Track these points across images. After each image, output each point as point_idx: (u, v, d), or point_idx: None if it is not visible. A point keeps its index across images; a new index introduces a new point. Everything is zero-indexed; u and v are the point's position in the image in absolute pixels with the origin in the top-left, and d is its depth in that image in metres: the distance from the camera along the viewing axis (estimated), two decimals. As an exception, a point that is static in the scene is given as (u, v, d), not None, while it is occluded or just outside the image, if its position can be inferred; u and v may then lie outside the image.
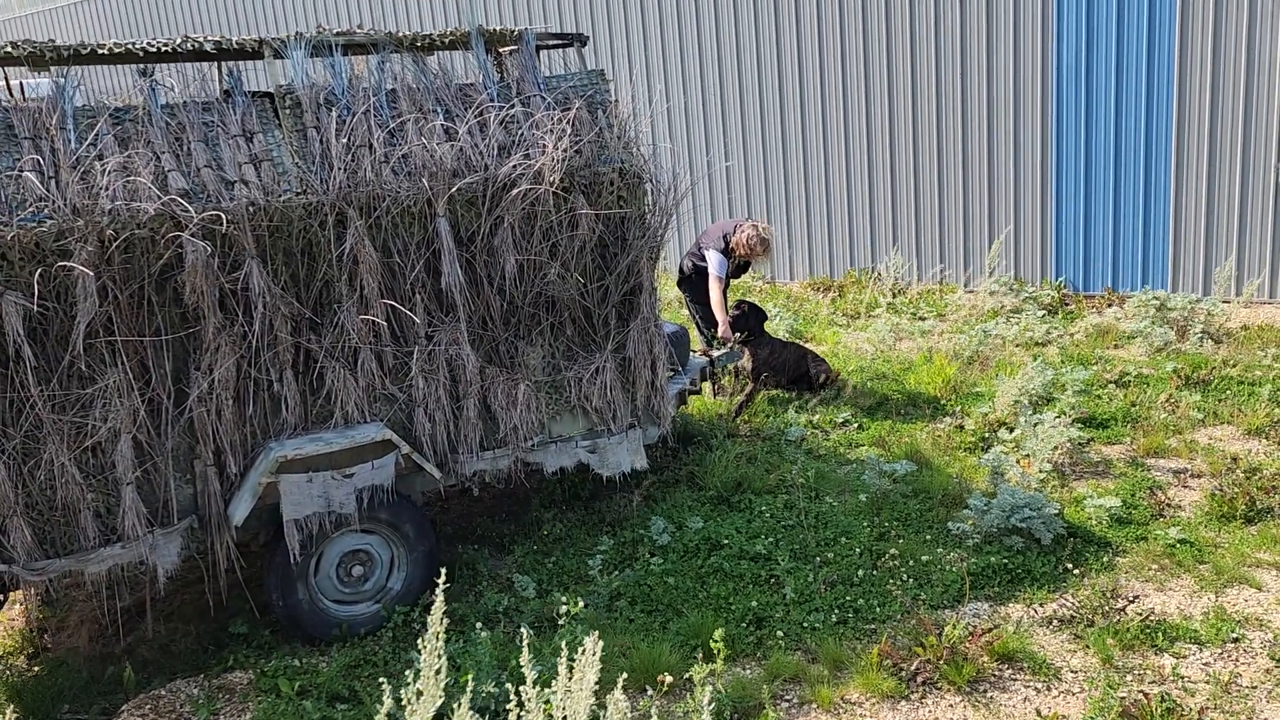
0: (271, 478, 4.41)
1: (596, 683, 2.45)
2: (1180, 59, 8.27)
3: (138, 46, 4.50)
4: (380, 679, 4.20)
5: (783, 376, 7.18)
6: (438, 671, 2.35)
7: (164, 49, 4.56)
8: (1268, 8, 7.87)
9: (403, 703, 2.43)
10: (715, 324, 7.27)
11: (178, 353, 4.29)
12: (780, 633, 4.44)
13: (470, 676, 3.80)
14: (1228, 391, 6.78)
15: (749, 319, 7.17)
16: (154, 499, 4.30)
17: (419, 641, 4.44)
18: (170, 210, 4.09)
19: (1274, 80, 7.96)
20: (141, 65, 4.50)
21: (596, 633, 2.56)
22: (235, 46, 4.65)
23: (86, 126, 4.20)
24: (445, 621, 2.50)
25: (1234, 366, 7.12)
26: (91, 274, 3.94)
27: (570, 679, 2.33)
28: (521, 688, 2.33)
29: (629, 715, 2.41)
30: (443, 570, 2.82)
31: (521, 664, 2.51)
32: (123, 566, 4.25)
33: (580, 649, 2.41)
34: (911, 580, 4.78)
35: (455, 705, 2.52)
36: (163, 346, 4.23)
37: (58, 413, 4.04)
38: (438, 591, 2.53)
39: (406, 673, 2.69)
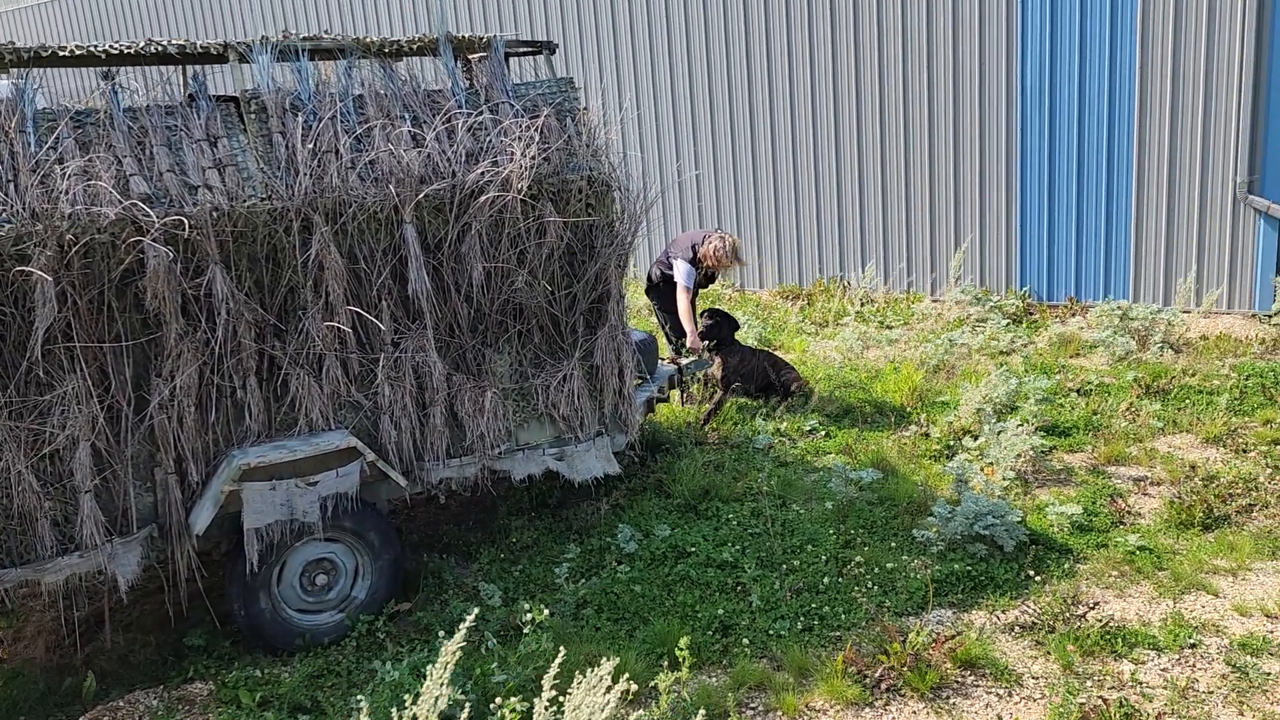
0: (234, 486, 4.36)
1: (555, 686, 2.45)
2: (1141, 75, 8.41)
3: (100, 49, 4.45)
4: (345, 690, 4.18)
5: (751, 384, 7.20)
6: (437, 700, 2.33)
7: (127, 52, 4.52)
8: (1225, 25, 8.03)
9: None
10: (684, 333, 7.29)
11: (138, 359, 4.24)
12: (746, 640, 4.45)
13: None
14: (1187, 400, 6.89)
15: (720, 328, 7.20)
16: (113, 507, 4.24)
17: (383, 651, 4.41)
18: (132, 215, 4.04)
19: (1231, 96, 8.11)
20: (104, 68, 4.45)
21: (562, 649, 2.56)
22: (200, 50, 4.61)
23: (47, 129, 4.15)
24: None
25: (1193, 376, 7.24)
26: (50, 279, 3.89)
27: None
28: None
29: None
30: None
31: (487, 672, 2.51)
32: (81, 576, 4.19)
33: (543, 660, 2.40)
34: (876, 587, 4.81)
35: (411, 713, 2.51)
36: (123, 353, 4.18)
37: (14, 419, 3.98)
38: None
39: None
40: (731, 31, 10.23)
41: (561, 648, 2.53)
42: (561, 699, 2.57)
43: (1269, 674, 4.08)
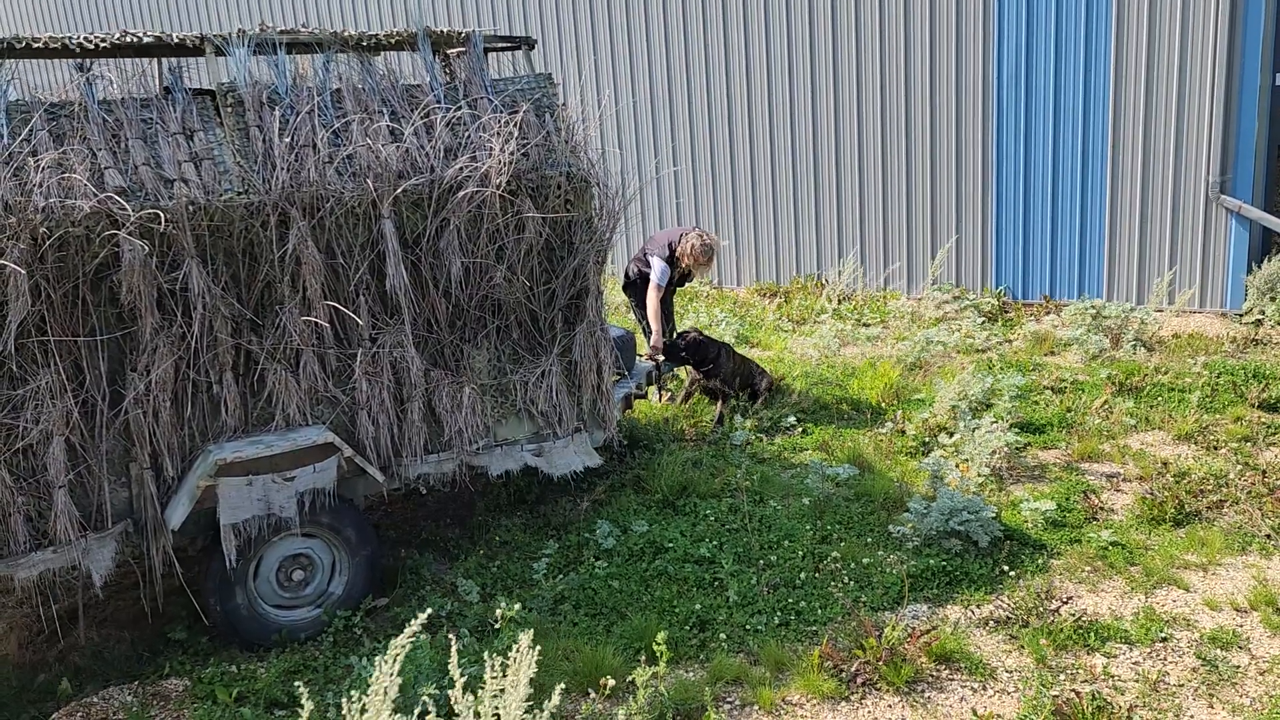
0: (210, 481, 4.34)
1: (533, 684, 2.46)
2: (1116, 75, 8.49)
3: (74, 41, 4.41)
4: (319, 686, 4.17)
5: (732, 387, 7.23)
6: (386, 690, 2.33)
7: (102, 44, 4.47)
8: (1198, 26, 8.12)
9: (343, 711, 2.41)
10: (663, 329, 7.29)
11: (113, 353, 4.21)
12: (723, 635, 4.47)
13: (410, 680, 3.78)
14: (1159, 398, 6.97)
15: (705, 353, 7.00)
16: (87, 502, 4.21)
17: (360, 647, 4.40)
18: (106, 208, 4.01)
19: (1204, 97, 8.21)
20: (79, 60, 4.41)
21: (531, 631, 2.56)
22: (176, 43, 4.58)
23: (20, 122, 4.11)
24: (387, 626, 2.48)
25: (1165, 374, 7.33)
26: (24, 272, 3.85)
27: (504, 678, 2.33)
28: (450, 692, 2.32)
29: None
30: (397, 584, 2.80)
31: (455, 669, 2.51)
32: (54, 571, 4.15)
33: (514, 651, 2.41)
34: (853, 583, 4.85)
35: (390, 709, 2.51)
36: (97, 347, 4.15)
37: (-13, 414, 3.94)
38: (383, 601, 2.51)
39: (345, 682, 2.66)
40: (710, 30, 10.24)
41: (526, 636, 2.54)
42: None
43: (1238, 667, 4.15)
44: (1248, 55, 8.04)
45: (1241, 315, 8.32)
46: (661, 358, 6.92)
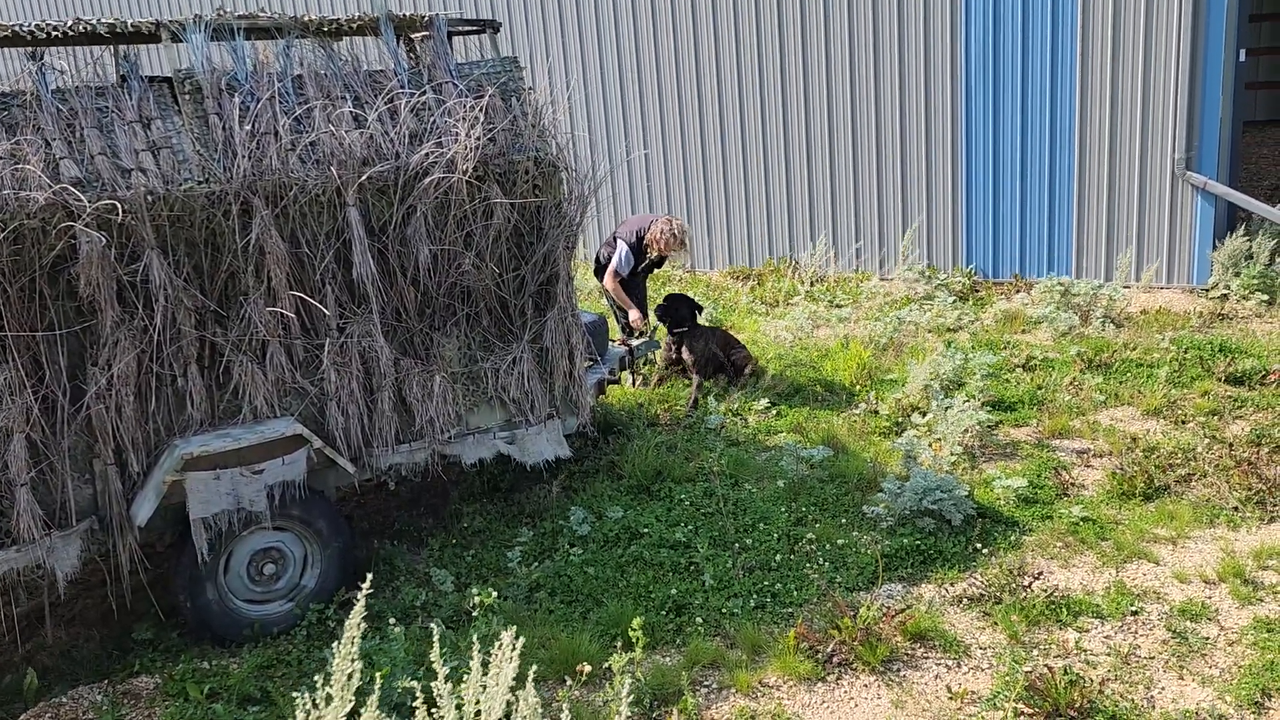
0: (177, 476, 4.27)
1: (515, 677, 2.44)
2: (1082, 53, 8.52)
3: (26, 29, 4.30)
4: (292, 681, 4.13)
5: (711, 366, 7.23)
6: (350, 675, 2.30)
7: (55, 33, 4.37)
8: (1164, 2, 8.16)
9: (317, 704, 2.38)
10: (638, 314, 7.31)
11: (73, 348, 4.13)
12: (699, 619, 4.47)
13: (385, 673, 3.75)
14: (1128, 374, 7.03)
15: (678, 310, 7.14)
16: (51, 500, 4.14)
17: (334, 640, 4.36)
18: (62, 199, 3.93)
19: (1169, 74, 8.25)
20: (30, 49, 4.30)
21: (515, 628, 2.54)
22: (131, 29, 4.47)
23: (-30, 112, 4.01)
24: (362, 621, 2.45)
25: (1133, 350, 7.39)
26: (-22, 266, 3.76)
27: (485, 674, 2.31)
28: (434, 683, 2.29)
29: (539, 710, 2.40)
30: (369, 575, 2.77)
31: (434, 660, 2.49)
32: (18, 571, 4.08)
33: (497, 643, 2.39)
34: (828, 564, 4.86)
35: (366, 703, 2.48)
36: (57, 341, 4.07)
37: (-56, 412, 3.85)
38: (357, 594, 2.48)
39: (317, 676, 2.63)
40: (679, 12, 10.18)
41: (509, 634, 2.52)
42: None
43: (1207, 638, 4.20)
44: (1212, 32, 8.09)
45: (1207, 290, 8.41)
46: (651, 325, 6.98)
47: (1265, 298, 8.07)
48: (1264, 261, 8.23)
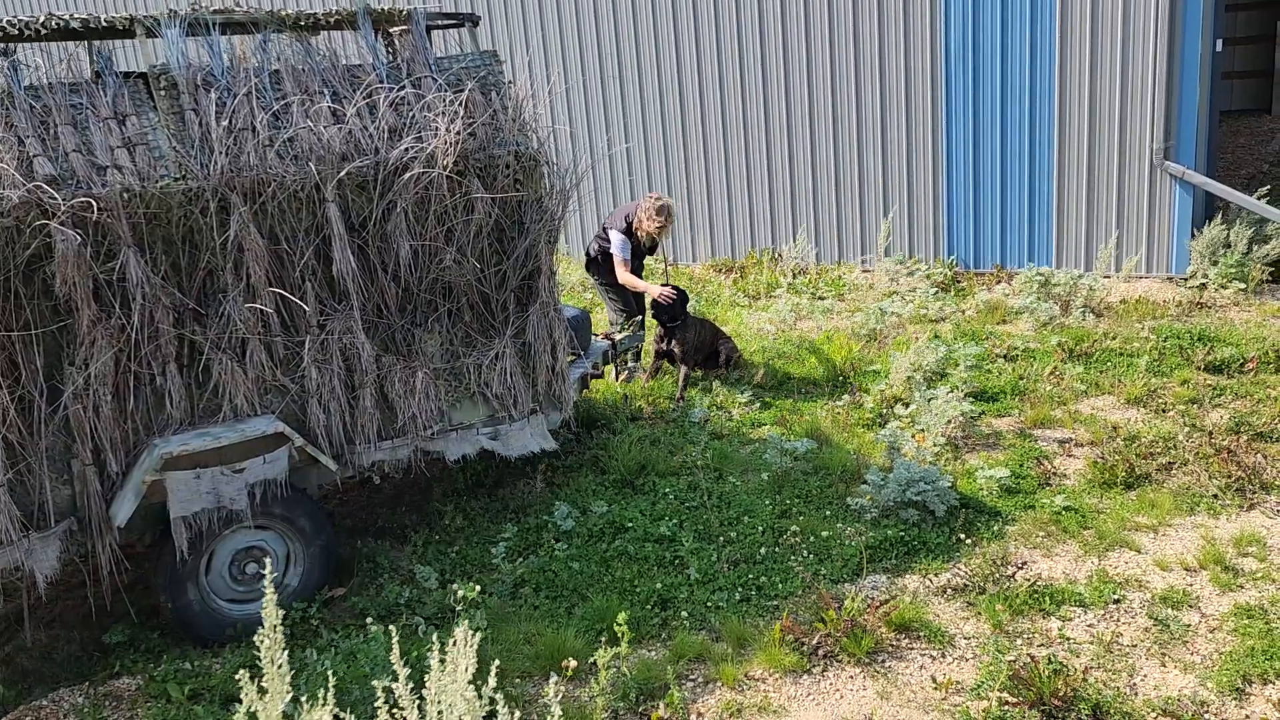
0: (157, 475, 4.23)
1: (488, 672, 2.42)
2: (1061, 44, 8.55)
3: (-3, 24, 4.24)
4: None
5: (699, 355, 7.25)
6: (279, 666, 2.27)
7: (27, 29, 4.31)
8: (1141, -6, 8.20)
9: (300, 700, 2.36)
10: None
11: (50, 347, 4.08)
12: (685, 613, 4.47)
13: (364, 674, 3.73)
14: (1108, 363, 7.07)
15: (673, 305, 7.11)
16: (28, 501, 4.09)
17: (318, 639, 4.34)
18: (36, 197, 3.88)
19: (1148, 65, 8.29)
20: (2, 45, 4.24)
21: (466, 622, 2.51)
22: (105, 25, 4.42)
23: (-59, 109, 3.95)
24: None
25: (1114, 339, 7.43)
26: (-49, 266, 3.71)
27: (443, 672, 2.28)
28: (394, 684, 2.27)
29: (504, 710, 2.38)
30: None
31: (422, 656, 2.47)
32: (-4, 573, 4.04)
33: (451, 641, 2.37)
34: (812, 556, 4.87)
35: (348, 699, 2.46)
36: (33, 341, 4.02)
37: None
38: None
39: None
40: (659, 4, 10.15)
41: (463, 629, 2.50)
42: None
43: (1189, 626, 4.23)
44: (1189, 23, 8.13)
45: (1186, 279, 8.46)
46: (630, 329, 6.98)
47: (1242, 286, 8.13)
48: (1241, 250, 8.29)
